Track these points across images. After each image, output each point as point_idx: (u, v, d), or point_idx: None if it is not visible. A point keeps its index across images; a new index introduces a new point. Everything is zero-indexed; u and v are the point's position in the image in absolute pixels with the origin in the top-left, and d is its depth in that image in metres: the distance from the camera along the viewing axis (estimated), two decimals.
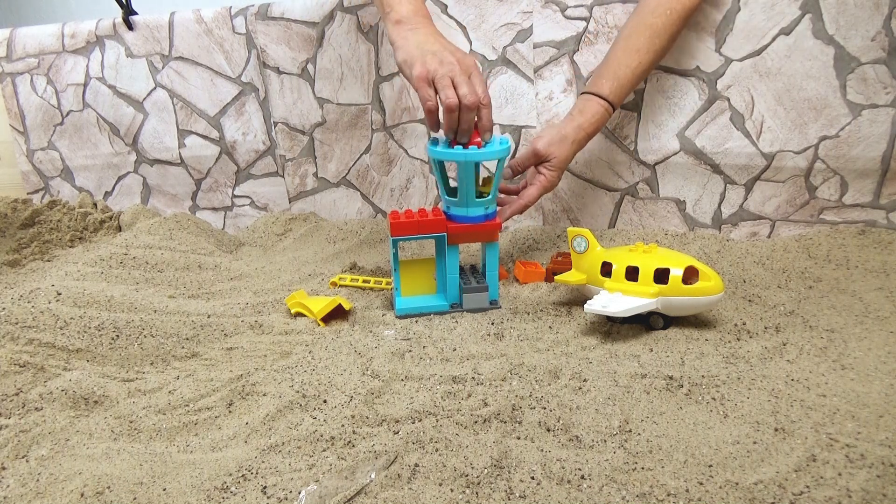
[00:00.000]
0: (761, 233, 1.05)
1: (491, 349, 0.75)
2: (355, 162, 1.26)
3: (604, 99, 0.91)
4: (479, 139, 0.80)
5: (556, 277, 0.86)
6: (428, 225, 0.83)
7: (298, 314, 0.87)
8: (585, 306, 0.76)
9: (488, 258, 0.87)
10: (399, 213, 0.85)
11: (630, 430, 0.57)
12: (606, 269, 0.80)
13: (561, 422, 0.59)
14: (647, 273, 0.75)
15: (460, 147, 0.79)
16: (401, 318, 0.86)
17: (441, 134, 0.82)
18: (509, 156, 0.82)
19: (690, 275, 0.75)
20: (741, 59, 0.98)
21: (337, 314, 0.87)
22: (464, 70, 0.77)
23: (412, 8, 0.84)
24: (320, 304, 0.85)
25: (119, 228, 1.30)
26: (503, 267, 0.96)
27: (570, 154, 0.91)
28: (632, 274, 0.77)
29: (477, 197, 0.83)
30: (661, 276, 0.75)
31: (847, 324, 0.75)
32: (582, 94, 0.94)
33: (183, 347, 0.80)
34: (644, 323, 0.78)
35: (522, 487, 0.51)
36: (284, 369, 0.72)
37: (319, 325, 0.84)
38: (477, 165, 0.83)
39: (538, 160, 0.91)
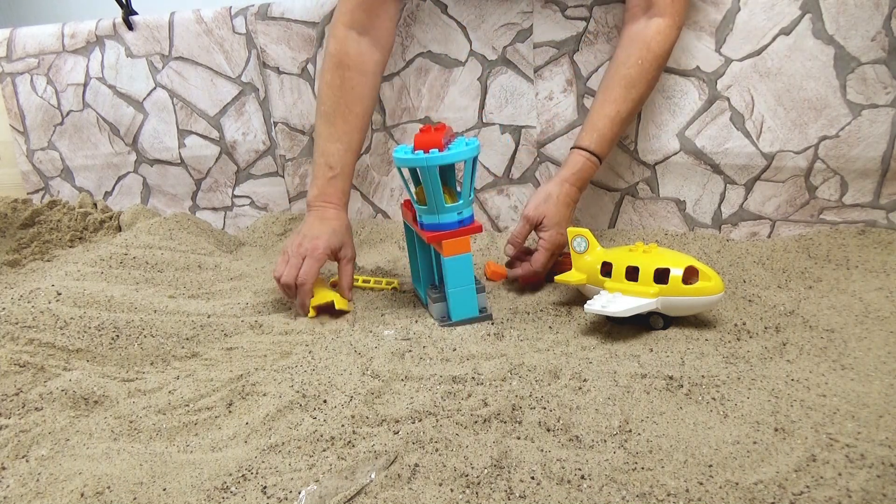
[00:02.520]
0: (761, 233, 1.05)
1: (491, 349, 0.75)
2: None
3: (585, 150, 0.93)
4: (442, 141, 0.78)
5: (556, 277, 0.86)
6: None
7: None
8: (585, 306, 0.76)
9: (455, 269, 0.81)
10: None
11: (630, 430, 0.57)
12: (606, 269, 0.80)
13: (561, 422, 0.59)
14: (647, 273, 0.75)
15: (421, 152, 0.77)
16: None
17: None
18: (477, 155, 0.81)
19: (690, 275, 0.75)
20: (741, 59, 0.98)
21: (331, 311, 0.88)
22: (300, 254, 0.88)
23: (315, 192, 0.96)
24: (318, 295, 0.86)
25: (119, 228, 1.30)
26: (503, 267, 0.96)
27: (561, 211, 0.90)
28: (632, 274, 0.77)
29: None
30: (662, 276, 0.75)
31: (847, 324, 0.75)
32: (571, 149, 0.96)
33: (183, 347, 0.80)
34: (644, 323, 0.78)
35: (522, 487, 0.51)
36: (284, 369, 0.72)
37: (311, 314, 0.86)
38: (447, 169, 0.82)
39: (532, 226, 0.91)
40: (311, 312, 0.87)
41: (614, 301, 0.75)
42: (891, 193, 0.96)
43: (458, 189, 0.82)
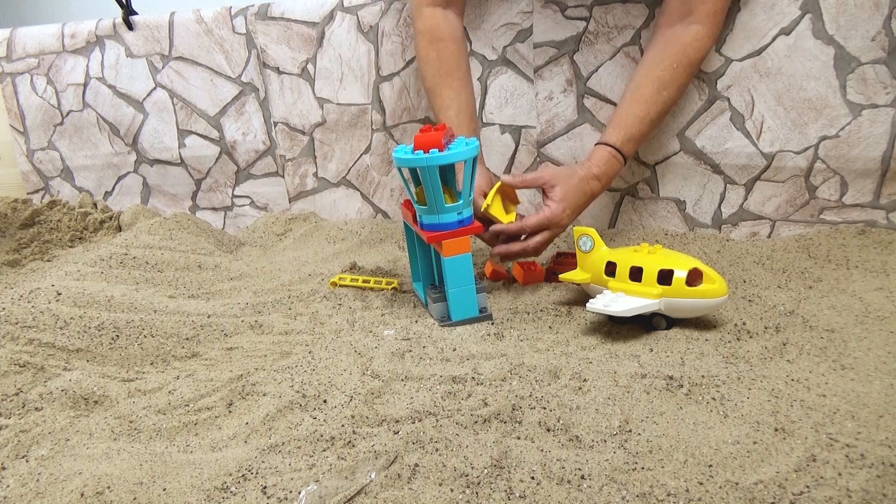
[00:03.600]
0: (761, 233, 1.05)
1: (491, 349, 0.75)
2: (355, 162, 1.26)
3: (612, 147, 0.91)
4: (442, 141, 0.78)
5: (560, 276, 0.86)
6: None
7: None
8: (587, 305, 0.76)
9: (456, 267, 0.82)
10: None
11: (630, 430, 0.57)
12: (610, 269, 0.80)
13: (561, 422, 0.59)
14: (650, 274, 0.75)
15: (421, 152, 0.77)
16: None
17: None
18: (477, 156, 0.81)
19: (695, 277, 0.74)
20: (741, 59, 0.98)
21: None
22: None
23: None
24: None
25: (119, 228, 1.30)
26: (502, 267, 0.96)
27: (577, 195, 0.88)
28: (636, 274, 0.77)
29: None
30: (665, 277, 0.75)
31: (847, 324, 0.75)
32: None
33: (183, 347, 0.80)
34: (647, 324, 0.78)
35: (522, 487, 0.51)
36: (284, 369, 0.72)
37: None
38: (447, 169, 0.81)
39: (540, 183, 0.89)
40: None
41: (617, 301, 0.75)
42: (891, 193, 0.96)
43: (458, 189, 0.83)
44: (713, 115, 1.02)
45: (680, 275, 0.74)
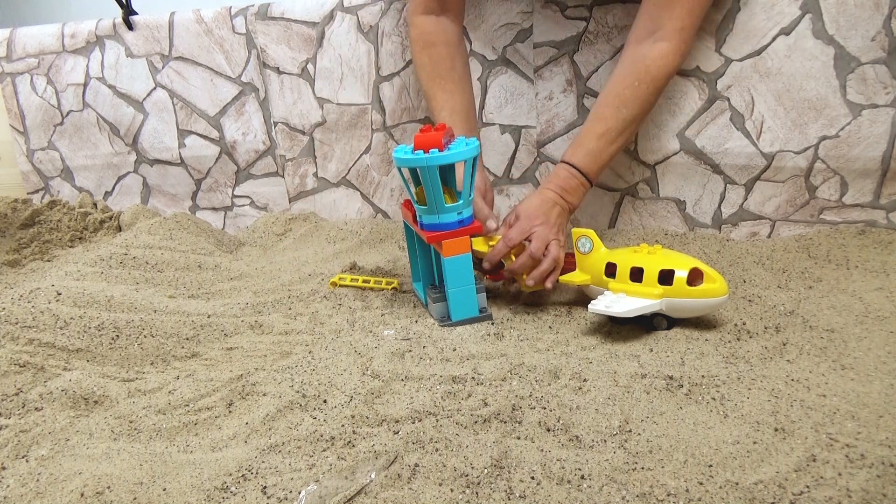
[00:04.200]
0: (761, 233, 1.05)
1: (491, 349, 0.75)
2: (355, 162, 1.26)
3: (569, 164, 0.90)
4: (442, 141, 0.77)
5: (560, 277, 0.85)
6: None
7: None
8: (589, 306, 0.76)
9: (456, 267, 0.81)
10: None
11: (630, 430, 0.57)
12: (611, 270, 0.80)
13: (561, 422, 0.59)
14: (651, 274, 0.75)
15: (421, 152, 0.77)
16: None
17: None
18: (477, 156, 0.80)
19: (695, 276, 0.74)
20: (741, 59, 0.98)
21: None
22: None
23: None
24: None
25: (119, 228, 1.30)
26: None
27: (539, 210, 0.86)
28: (636, 275, 0.76)
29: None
30: (666, 277, 0.75)
31: (847, 324, 0.75)
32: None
33: (183, 347, 0.80)
34: (647, 324, 0.78)
35: (522, 487, 0.51)
36: (284, 369, 0.72)
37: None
38: (447, 169, 0.81)
39: (523, 236, 0.84)
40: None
41: (618, 302, 0.75)
42: (891, 193, 0.96)
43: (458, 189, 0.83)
44: (713, 115, 1.02)
45: (681, 275, 0.74)
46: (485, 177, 0.99)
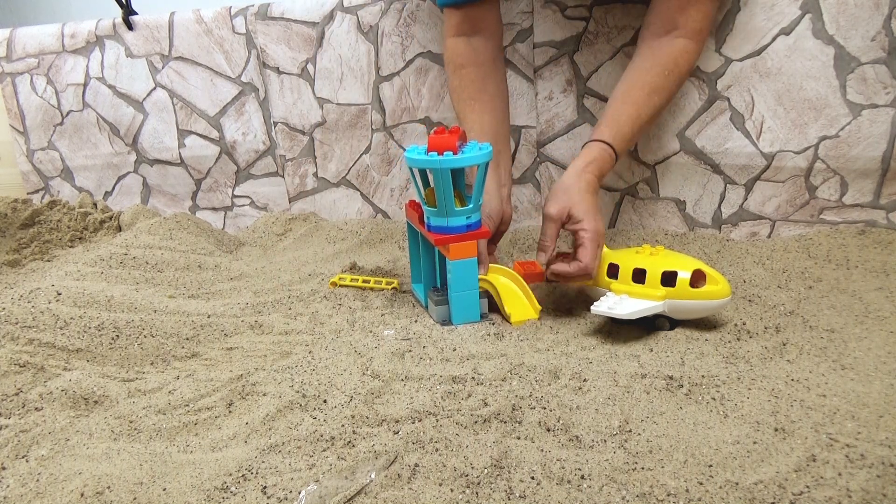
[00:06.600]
0: (761, 233, 1.05)
1: (491, 349, 0.75)
2: (355, 162, 1.26)
3: (604, 143, 0.87)
4: (456, 144, 0.77)
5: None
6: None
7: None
8: (592, 308, 0.76)
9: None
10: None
11: (630, 430, 0.57)
12: (613, 271, 0.80)
13: (561, 422, 0.59)
14: (654, 275, 0.75)
15: (435, 153, 0.76)
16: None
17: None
18: (489, 161, 0.80)
19: (698, 278, 0.74)
20: (741, 59, 0.98)
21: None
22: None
23: None
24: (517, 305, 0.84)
25: (119, 228, 1.30)
26: (537, 265, 0.95)
27: (587, 199, 0.82)
28: (638, 276, 0.76)
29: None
30: (669, 278, 0.74)
31: (847, 324, 0.75)
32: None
33: (183, 347, 0.80)
34: (650, 325, 0.78)
35: (522, 487, 0.51)
36: (284, 369, 0.72)
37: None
38: (457, 173, 0.81)
39: (559, 224, 0.83)
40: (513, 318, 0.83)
41: (621, 303, 0.75)
42: (891, 193, 0.96)
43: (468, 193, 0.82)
44: (713, 115, 1.02)
45: (684, 276, 0.73)
46: (508, 170, 0.97)
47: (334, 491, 0.52)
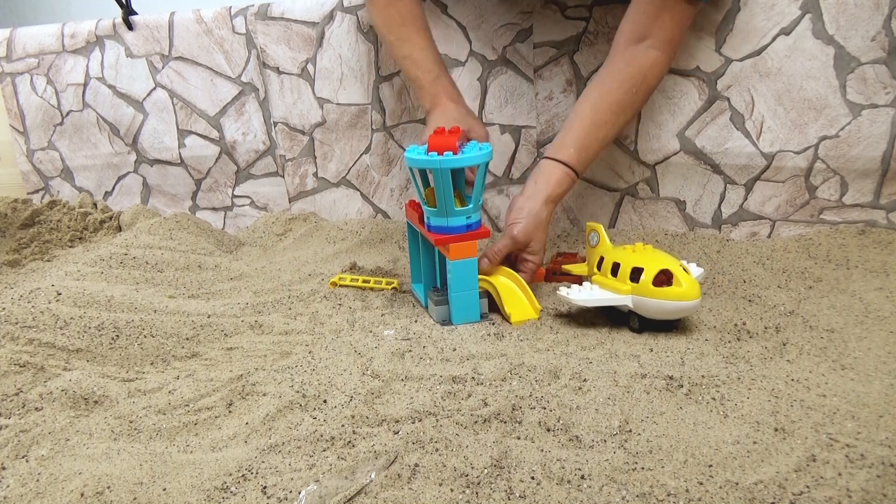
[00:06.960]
0: (761, 233, 1.05)
1: (491, 349, 0.75)
2: (355, 162, 1.26)
3: (572, 169, 0.89)
4: (456, 144, 0.77)
5: (563, 267, 0.90)
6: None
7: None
8: (557, 291, 0.80)
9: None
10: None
11: (630, 430, 0.57)
12: (600, 264, 0.83)
13: (561, 422, 0.59)
14: (625, 270, 0.77)
15: (435, 153, 0.77)
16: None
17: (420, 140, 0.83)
18: (490, 161, 0.80)
19: (664, 278, 0.74)
20: (741, 59, 0.98)
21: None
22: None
23: (427, 103, 0.97)
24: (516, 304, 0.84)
25: (119, 228, 1.30)
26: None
27: (546, 235, 0.89)
28: (615, 269, 0.79)
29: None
30: (636, 274, 0.75)
31: (847, 324, 0.75)
32: (546, 158, 0.90)
33: (183, 347, 0.80)
34: (624, 321, 0.79)
35: (522, 487, 0.51)
36: (284, 369, 0.72)
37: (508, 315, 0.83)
38: (457, 173, 0.81)
39: (518, 248, 0.88)
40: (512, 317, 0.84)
41: (583, 290, 0.78)
42: (891, 193, 0.96)
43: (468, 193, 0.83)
44: (713, 115, 1.02)
45: (648, 274, 0.74)
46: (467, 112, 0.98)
47: (334, 491, 0.52)
